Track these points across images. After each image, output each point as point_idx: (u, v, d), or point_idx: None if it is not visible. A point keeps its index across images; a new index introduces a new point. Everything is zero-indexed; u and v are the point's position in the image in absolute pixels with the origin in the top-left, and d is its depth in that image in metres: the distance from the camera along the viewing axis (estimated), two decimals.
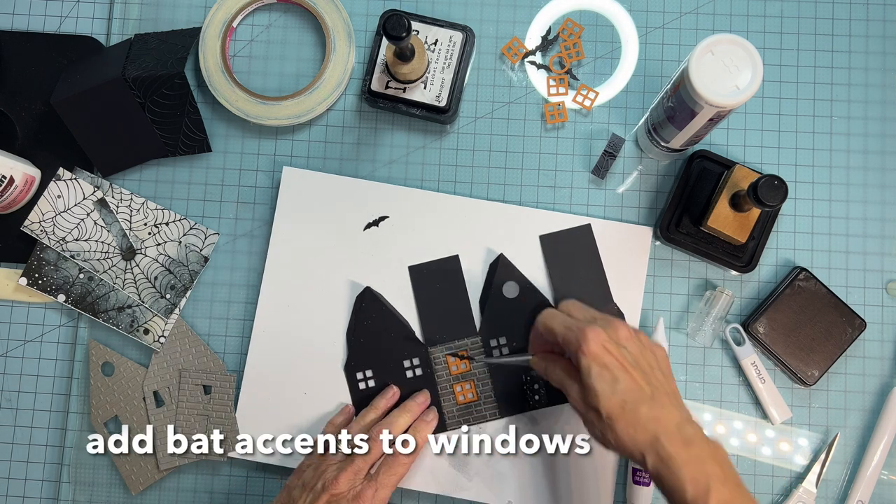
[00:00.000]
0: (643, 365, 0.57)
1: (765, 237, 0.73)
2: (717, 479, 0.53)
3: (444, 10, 0.79)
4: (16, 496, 0.76)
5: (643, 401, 0.55)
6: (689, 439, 0.54)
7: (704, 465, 0.53)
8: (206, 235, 0.77)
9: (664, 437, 0.54)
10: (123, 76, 0.73)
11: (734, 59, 0.60)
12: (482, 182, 0.77)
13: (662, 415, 0.55)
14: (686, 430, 0.55)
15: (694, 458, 0.53)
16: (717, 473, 0.53)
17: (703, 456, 0.54)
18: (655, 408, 0.55)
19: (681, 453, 0.53)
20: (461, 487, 0.72)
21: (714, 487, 0.52)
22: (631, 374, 0.56)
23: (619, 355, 0.57)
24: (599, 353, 0.56)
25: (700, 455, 0.54)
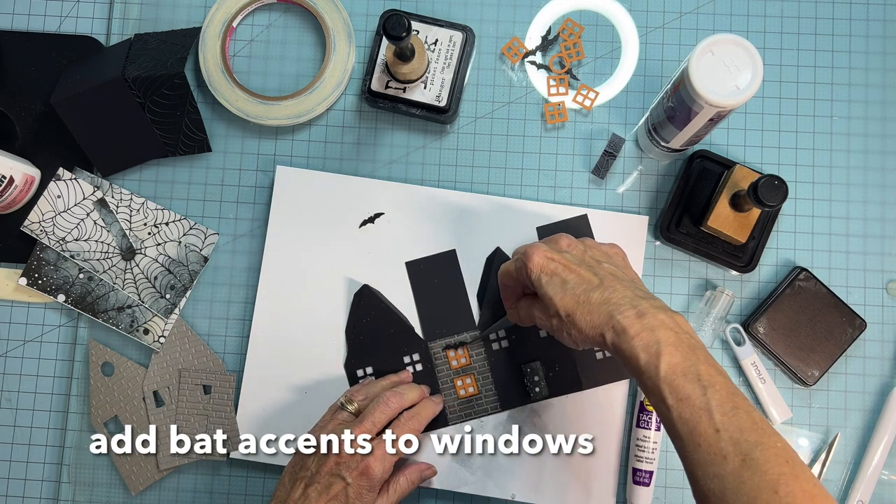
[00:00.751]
0: (588, 261, 0.60)
1: (765, 237, 0.73)
2: (669, 344, 0.53)
3: (444, 10, 0.79)
4: (16, 496, 0.76)
5: (593, 289, 0.57)
6: (642, 311, 0.55)
7: (656, 333, 0.53)
8: (205, 235, 0.77)
9: (617, 313, 0.55)
10: (123, 76, 0.73)
11: (734, 59, 0.60)
12: (482, 182, 0.77)
13: (613, 296, 0.56)
14: (639, 303, 0.56)
15: (646, 326, 0.54)
16: (669, 339, 0.53)
17: (655, 324, 0.54)
18: (606, 291, 0.57)
19: (633, 324, 0.54)
20: (464, 482, 0.72)
21: (665, 352, 0.52)
22: (577, 272, 0.58)
23: (562, 260, 0.59)
24: (543, 263, 0.59)
25: (652, 324, 0.54)
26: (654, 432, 0.71)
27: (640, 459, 0.71)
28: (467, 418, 0.73)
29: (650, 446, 0.71)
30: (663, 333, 0.53)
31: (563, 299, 0.57)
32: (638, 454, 0.71)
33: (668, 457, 0.74)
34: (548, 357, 0.73)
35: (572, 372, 0.73)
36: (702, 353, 0.53)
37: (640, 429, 0.72)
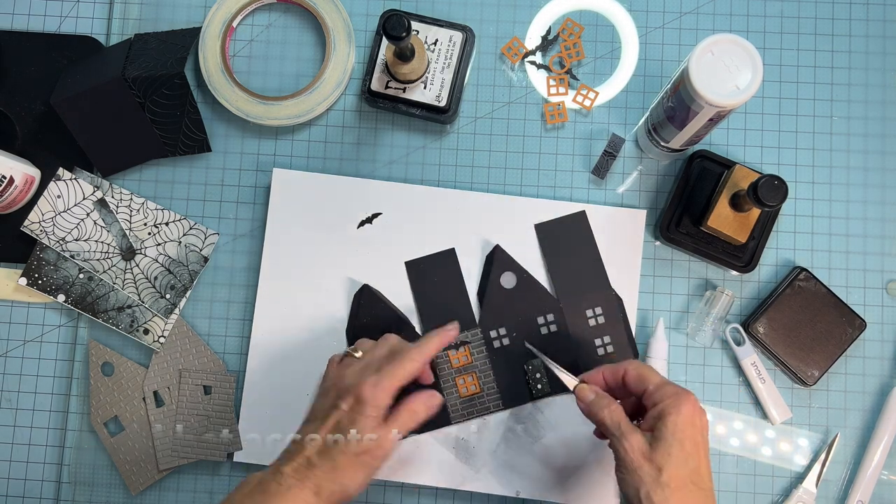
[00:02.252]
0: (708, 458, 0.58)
1: (765, 237, 0.73)
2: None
3: (444, 10, 0.79)
4: (16, 496, 0.76)
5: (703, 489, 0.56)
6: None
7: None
8: (205, 235, 0.77)
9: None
10: (123, 76, 0.73)
11: (734, 59, 0.60)
12: (482, 182, 0.77)
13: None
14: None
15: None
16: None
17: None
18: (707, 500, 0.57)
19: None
20: (468, 479, 0.72)
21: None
22: (702, 460, 0.57)
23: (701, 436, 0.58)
24: (690, 421, 0.57)
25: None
26: None
27: None
28: (469, 417, 0.73)
29: None
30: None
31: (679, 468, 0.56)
32: None
33: None
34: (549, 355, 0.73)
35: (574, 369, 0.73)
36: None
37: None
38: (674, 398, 0.58)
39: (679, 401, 0.57)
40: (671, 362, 0.75)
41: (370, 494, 0.74)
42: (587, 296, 0.74)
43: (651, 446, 0.57)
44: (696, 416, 0.57)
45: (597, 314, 0.73)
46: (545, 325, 0.73)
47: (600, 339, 0.73)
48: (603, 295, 0.73)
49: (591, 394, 0.62)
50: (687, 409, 0.57)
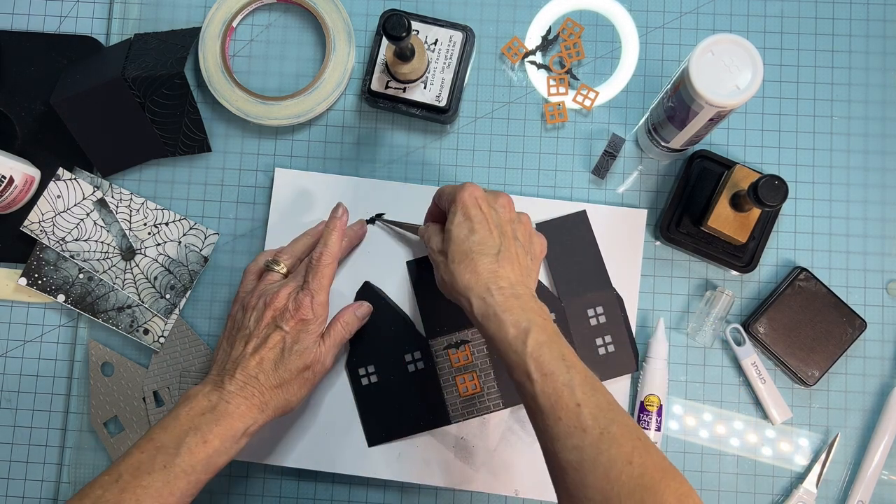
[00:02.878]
0: (506, 231, 0.61)
1: (765, 237, 0.73)
2: (538, 325, 0.56)
3: (444, 9, 0.79)
4: (15, 496, 0.76)
5: (488, 254, 0.59)
6: (518, 294, 0.57)
7: (527, 313, 0.56)
8: (205, 235, 0.77)
9: (495, 288, 0.57)
10: (123, 76, 0.73)
11: (734, 58, 0.60)
12: (482, 182, 0.77)
13: (501, 272, 0.58)
14: (518, 289, 0.58)
15: (518, 306, 0.56)
16: (537, 321, 0.56)
17: (528, 307, 0.57)
18: (497, 263, 0.59)
19: (507, 301, 0.57)
20: (468, 479, 0.72)
21: (534, 330, 0.55)
22: (489, 230, 0.60)
23: (487, 213, 0.61)
24: (469, 204, 0.60)
25: (525, 305, 0.57)
26: (653, 432, 0.71)
27: None
28: (469, 416, 0.73)
29: None
30: (533, 316, 0.56)
31: (460, 245, 0.60)
32: None
33: (669, 457, 0.73)
34: None
35: None
36: (564, 340, 0.57)
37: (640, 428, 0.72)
38: (452, 195, 0.62)
39: (455, 194, 0.61)
40: (671, 362, 0.75)
41: (370, 494, 0.74)
42: (588, 295, 0.74)
43: (443, 241, 0.62)
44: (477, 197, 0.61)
45: (598, 314, 0.73)
46: None
47: (601, 339, 0.73)
48: (604, 294, 0.73)
49: (423, 228, 0.67)
50: (463, 196, 0.60)
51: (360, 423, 0.73)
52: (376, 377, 0.73)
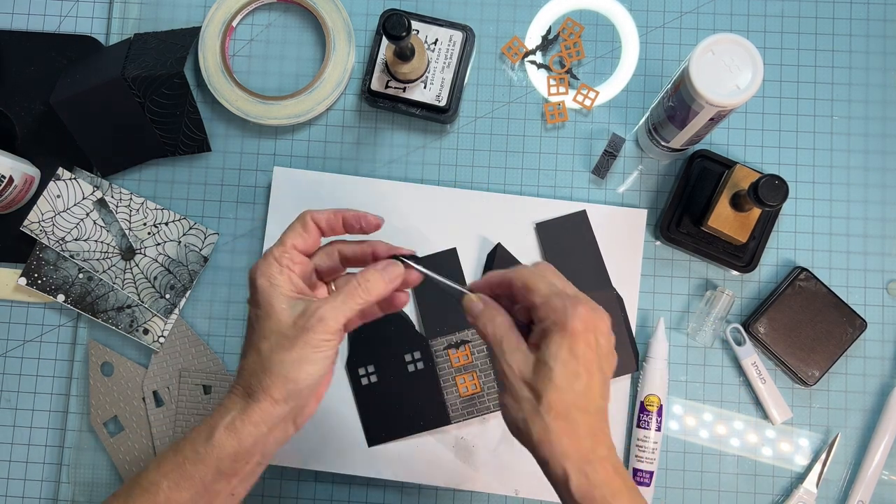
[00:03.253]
0: (606, 371, 0.51)
1: (765, 237, 0.73)
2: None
3: (444, 9, 0.78)
4: (15, 496, 0.76)
5: (590, 411, 0.49)
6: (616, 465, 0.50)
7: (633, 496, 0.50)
8: (205, 235, 0.77)
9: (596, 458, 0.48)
10: (123, 76, 0.73)
11: (735, 58, 0.60)
12: (482, 182, 0.77)
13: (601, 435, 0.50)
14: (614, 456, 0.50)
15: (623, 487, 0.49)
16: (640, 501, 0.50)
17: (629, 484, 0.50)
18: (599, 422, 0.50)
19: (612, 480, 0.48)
20: (468, 479, 0.72)
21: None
22: (593, 378, 0.49)
23: (594, 350, 0.49)
24: (581, 338, 0.49)
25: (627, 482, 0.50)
26: (654, 432, 0.71)
27: (640, 459, 0.71)
28: (469, 416, 0.73)
29: (650, 446, 0.71)
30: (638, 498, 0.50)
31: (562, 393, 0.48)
32: (638, 454, 0.71)
33: (669, 457, 0.74)
34: None
35: None
36: None
37: (641, 429, 0.72)
38: (560, 313, 0.49)
39: (566, 316, 0.49)
40: (672, 362, 0.75)
41: (370, 494, 0.74)
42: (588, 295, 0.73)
43: (533, 369, 0.49)
44: (588, 331, 0.49)
45: None
46: None
47: None
48: (604, 294, 0.73)
49: (479, 304, 0.54)
50: (576, 324, 0.48)
51: (360, 423, 0.73)
52: (376, 377, 0.73)
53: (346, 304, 0.53)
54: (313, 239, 0.56)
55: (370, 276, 0.54)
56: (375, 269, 0.55)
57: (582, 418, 0.49)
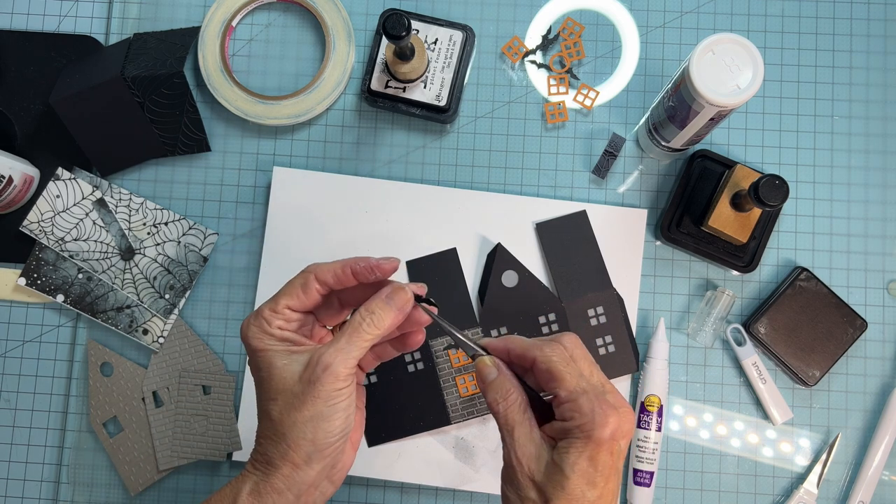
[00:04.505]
0: (620, 473, 0.47)
1: (766, 237, 0.73)
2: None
3: (444, 9, 0.78)
4: (15, 497, 0.76)
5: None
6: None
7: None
8: (205, 235, 0.77)
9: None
10: (122, 75, 0.73)
11: (735, 58, 0.60)
12: (482, 182, 0.77)
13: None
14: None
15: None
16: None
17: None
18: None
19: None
20: (468, 479, 0.72)
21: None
22: (608, 484, 0.45)
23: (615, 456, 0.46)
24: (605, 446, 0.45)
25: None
26: (654, 433, 0.71)
27: (640, 460, 0.71)
28: (469, 416, 0.73)
29: (651, 447, 0.71)
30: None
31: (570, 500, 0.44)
32: (638, 455, 0.71)
33: (669, 457, 0.74)
34: None
35: None
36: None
37: (641, 429, 0.72)
38: (588, 419, 0.45)
39: (593, 425, 0.45)
40: (672, 362, 0.74)
41: (370, 494, 0.74)
42: (588, 295, 0.73)
43: (545, 470, 0.45)
44: (613, 444, 0.45)
45: (598, 314, 0.73)
46: (546, 325, 0.73)
47: (601, 339, 0.73)
48: (604, 295, 0.73)
49: (494, 372, 0.49)
50: (603, 434, 0.44)
51: None
52: (376, 377, 0.73)
53: (351, 343, 0.48)
54: (312, 300, 0.51)
55: (375, 307, 0.49)
56: (379, 298, 0.50)
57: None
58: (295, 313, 0.51)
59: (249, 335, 0.50)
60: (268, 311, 0.50)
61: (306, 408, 0.47)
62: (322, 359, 0.48)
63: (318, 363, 0.48)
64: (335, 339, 0.49)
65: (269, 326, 0.50)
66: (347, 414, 0.49)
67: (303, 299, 0.51)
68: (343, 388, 0.48)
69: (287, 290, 0.51)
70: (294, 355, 0.49)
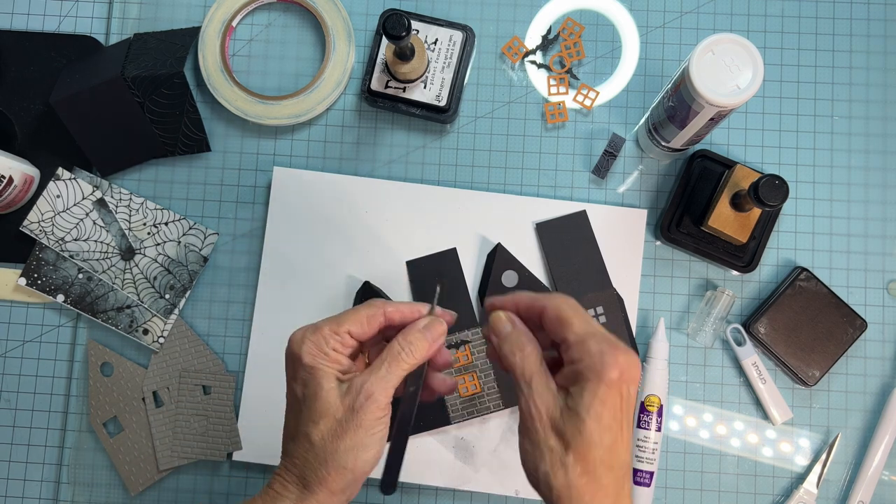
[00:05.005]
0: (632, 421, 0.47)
1: (766, 237, 0.73)
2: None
3: (444, 9, 0.78)
4: (15, 497, 0.76)
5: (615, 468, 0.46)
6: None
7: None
8: (205, 235, 0.77)
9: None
10: (122, 76, 0.73)
11: (735, 58, 0.60)
12: (482, 182, 0.77)
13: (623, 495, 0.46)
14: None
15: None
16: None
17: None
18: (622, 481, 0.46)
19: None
20: (468, 479, 0.72)
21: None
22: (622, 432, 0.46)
23: (625, 401, 0.46)
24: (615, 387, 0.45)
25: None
26: (654, 433, 0.71)
27: (640, 460, 0.71)
28: (469, 416, 0.73)
29: (650, 447, 0.71)
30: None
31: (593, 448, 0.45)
32: (638, 454, 0.71)
33: (669, 457, 0.74)
34: None
35: None
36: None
37: (641, 429, 0.72)
38: (597, 359, 0.45)
39: (603, 363, 0.45)
40: (672, 362, 0.74)
41: (370, 494, 0.74)
42: (588, 295, 0.73)
43: (562, 416, 0.45)
44: (623, 382, 0.45)
45: (598, 314, 0.73)
46: None
47: None
48: (604, 295, 0.73)
49: (508, 325, 0.50)
50: (613, 374, 0.45)
51: None
52: None
53: (391, 372, 0.49)
54: (372, 331, 0.52)
55: (412, 338, 0.50)
56: (416, 328, 0.51)
57: (607, 476, 0.45)
58: (352, 339, 0.51)
59: (304, 349, 0.50)
60: (328, 330, 0.50)
61: (348, 436, 0.48)
62: (365, 387, 0.48)
63: (361, 391, 0.48)
64: (375, 367, 0.49)
65: (326, 346, 0.50)
66: (382, 445, 0.49)
67: (365, 329, 0.51)
68: (382, 418, 0.49)
69: (352, 316, 0.51)
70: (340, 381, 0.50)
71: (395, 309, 0.52)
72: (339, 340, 0.50)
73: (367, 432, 0.48)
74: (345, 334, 0.50)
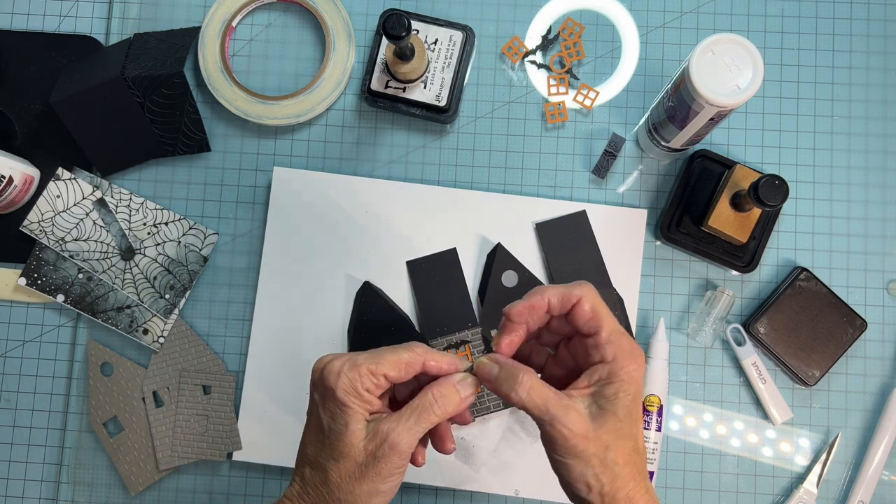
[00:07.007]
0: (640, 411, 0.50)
1: (766, 237, 0.73)
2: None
3: (444, 9, 0.78)
4: (15, 497, 0.76)
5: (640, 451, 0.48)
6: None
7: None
8: (205, 235, 0.77)
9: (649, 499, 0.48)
10: (122, 76, 0.73)
11: (735, 58, 0.60)
12: (482, 182, 0.77)
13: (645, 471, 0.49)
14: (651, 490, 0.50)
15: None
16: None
17: None
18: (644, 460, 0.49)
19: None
20: (468, 479, 0.72)
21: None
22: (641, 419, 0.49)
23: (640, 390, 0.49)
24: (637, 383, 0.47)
25: None
26: (654, 432, 0.71)
27: None
28: None
29: (650, 446, 0.71)
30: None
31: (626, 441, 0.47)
32: None
33: (669, 457, 0.74)
34: None
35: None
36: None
37: None
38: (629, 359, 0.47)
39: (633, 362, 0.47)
40: (672, 362, 0.74)
41: None
42: None
43: (595, 421, 0.47)
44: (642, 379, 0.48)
45: None
46: None
47: None
48: (604, 294, 0.73)
49: (495, 367, 0.49)
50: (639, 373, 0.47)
51: None
52: None
53: (419, 424, 0.49)
54: (409, 377, 0.51)
55: (446, 391, 0.50)
56: (451, 382, 0.50)
57: (638, 461, 0.48)
58: (387, 383, 0.50)
59: (339, 384, 0.49)
60: (366, 370, 0.49)
61: (366, 482, 0.48)
62: (390, 437, 0.48)
63: (386, 440, 0.48)
64: (404, 416, 0.49)
65: (361, 386, 0.49)
66: (397, 489, 0.50)
67: (401, 374, 0.50)
68: (402, 466, 0.49)
69: (392, 359, 0.50)
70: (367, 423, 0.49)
71: (435, 363, 0.51)
72: (375, 382, 0.49)
73: (385, 480, 0.48)
74: (381, 377, 0.50)
